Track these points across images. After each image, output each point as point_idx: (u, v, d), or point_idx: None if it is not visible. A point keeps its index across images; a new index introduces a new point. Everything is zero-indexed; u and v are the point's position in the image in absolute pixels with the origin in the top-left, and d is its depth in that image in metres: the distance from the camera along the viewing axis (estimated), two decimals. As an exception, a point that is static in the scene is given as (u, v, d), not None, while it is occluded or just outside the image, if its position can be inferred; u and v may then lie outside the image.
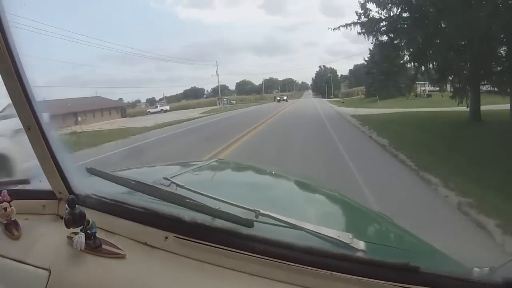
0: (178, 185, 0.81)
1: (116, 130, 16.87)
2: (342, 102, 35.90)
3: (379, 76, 27.78)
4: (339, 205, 1.22)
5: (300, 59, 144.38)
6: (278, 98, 47.83)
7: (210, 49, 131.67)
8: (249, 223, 0.66)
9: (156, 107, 48.88)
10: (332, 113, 19.97)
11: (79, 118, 25.87)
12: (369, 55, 32.25)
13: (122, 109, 43.07)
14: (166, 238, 0.68)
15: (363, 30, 12.59)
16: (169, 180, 0.83)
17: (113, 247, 0.68)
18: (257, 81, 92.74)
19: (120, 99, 60.36)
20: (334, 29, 12.82)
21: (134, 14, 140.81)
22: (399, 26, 11.57)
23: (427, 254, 0.85)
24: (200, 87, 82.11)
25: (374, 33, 12.60)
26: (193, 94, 78.59)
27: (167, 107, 48.47)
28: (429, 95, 26.19)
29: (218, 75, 50.60)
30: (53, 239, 0.72)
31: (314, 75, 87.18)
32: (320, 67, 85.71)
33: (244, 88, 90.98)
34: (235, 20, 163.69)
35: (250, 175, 1.55)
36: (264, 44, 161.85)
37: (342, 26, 12.44)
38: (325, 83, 76.07)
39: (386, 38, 12.75)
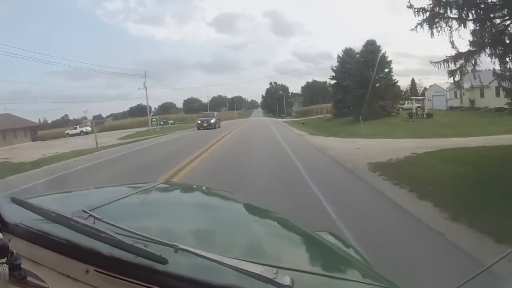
0: (96, 218, 0.76)
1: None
2: (303, 124, 26.76)
3: (358, 90, 20.04)
4: (282, 232, 1.17)
5: (249, 77, 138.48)
6: (200, 122, 25.41)
7: (160, 66, 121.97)
8: (162, 260, 0.63)
9: (76, 128, 41.90)
10: (314, 155, 9.47)
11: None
12: (338, 64, 24.79)
13: (33, 130, 37.31)
14: (87, 271, 0.67)
15: None
16: (87, 212, 0.79)
17: (37, 279, 0.67)
18: (206, 98, 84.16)
19: (66, 115, 62.32)
20: None
21: (84, 29, 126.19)
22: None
23: (369, 283, 0.81)
24: (146, 104, 72.31)
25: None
26: (139, 111, 69.64)
27: (88, 128, 40.59)
28: (429, 115, 19.07)
29: (146, 88, 39.36)
30: None
31: (264, 93, 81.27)
32: (271, 83, 79.55)
33: (192, 105, 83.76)
34: (186, 37, 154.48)
35: (192, 199, 1.46)
36: (213, 62, 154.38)
37: None
38: (276, 100, 69.77)
39: None
